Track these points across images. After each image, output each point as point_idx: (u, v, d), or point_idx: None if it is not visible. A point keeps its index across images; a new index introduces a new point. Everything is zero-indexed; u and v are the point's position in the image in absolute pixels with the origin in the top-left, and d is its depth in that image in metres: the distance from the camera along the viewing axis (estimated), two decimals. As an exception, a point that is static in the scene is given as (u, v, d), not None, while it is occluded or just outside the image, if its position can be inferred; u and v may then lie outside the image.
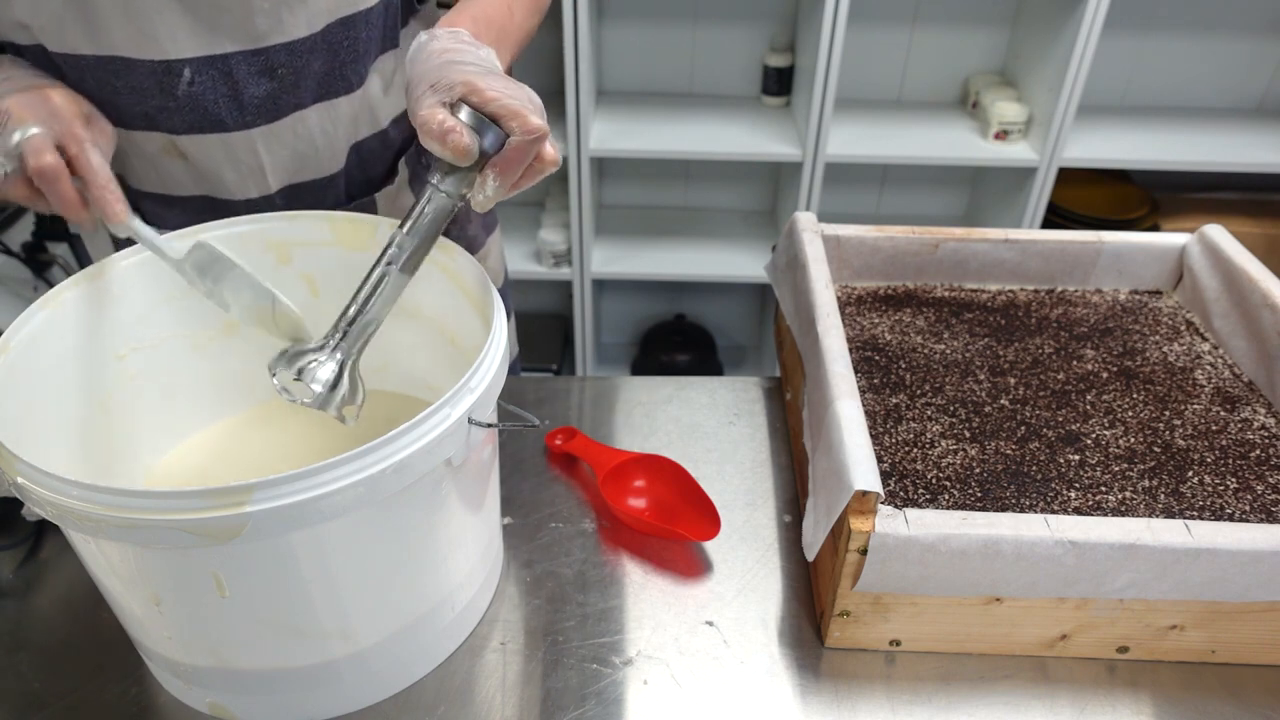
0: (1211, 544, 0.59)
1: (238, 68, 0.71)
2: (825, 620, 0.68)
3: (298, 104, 0.75)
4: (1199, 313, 0.90)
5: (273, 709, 0.63)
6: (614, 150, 1.85)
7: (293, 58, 0.72)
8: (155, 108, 0.71)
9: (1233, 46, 1.98)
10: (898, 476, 0.70)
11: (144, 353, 0.71)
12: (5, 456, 0.51)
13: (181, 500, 0.47)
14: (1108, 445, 0.74)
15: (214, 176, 0.76)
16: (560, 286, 2.31)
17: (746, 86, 2.07)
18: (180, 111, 0.71)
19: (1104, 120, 1.99)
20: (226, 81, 0.71)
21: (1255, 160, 1.86)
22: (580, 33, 1.70)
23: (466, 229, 0.96)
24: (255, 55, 0.71)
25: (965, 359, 0.84)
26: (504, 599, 0.72)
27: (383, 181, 0.85)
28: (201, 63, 0.70)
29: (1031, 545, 0.59)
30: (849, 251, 0.93)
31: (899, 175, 2.20)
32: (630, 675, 0.66)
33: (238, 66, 0.71)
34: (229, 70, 0.70)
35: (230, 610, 0.55)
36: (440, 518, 0.60)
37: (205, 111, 0.72)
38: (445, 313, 0.73)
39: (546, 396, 0.94)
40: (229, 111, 0.72)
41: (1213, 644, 0.66)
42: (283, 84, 0.73)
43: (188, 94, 0.70)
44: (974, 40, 2.00)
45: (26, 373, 0.61)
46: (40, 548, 0.76)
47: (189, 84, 0.70)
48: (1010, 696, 0.65)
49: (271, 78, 0.72)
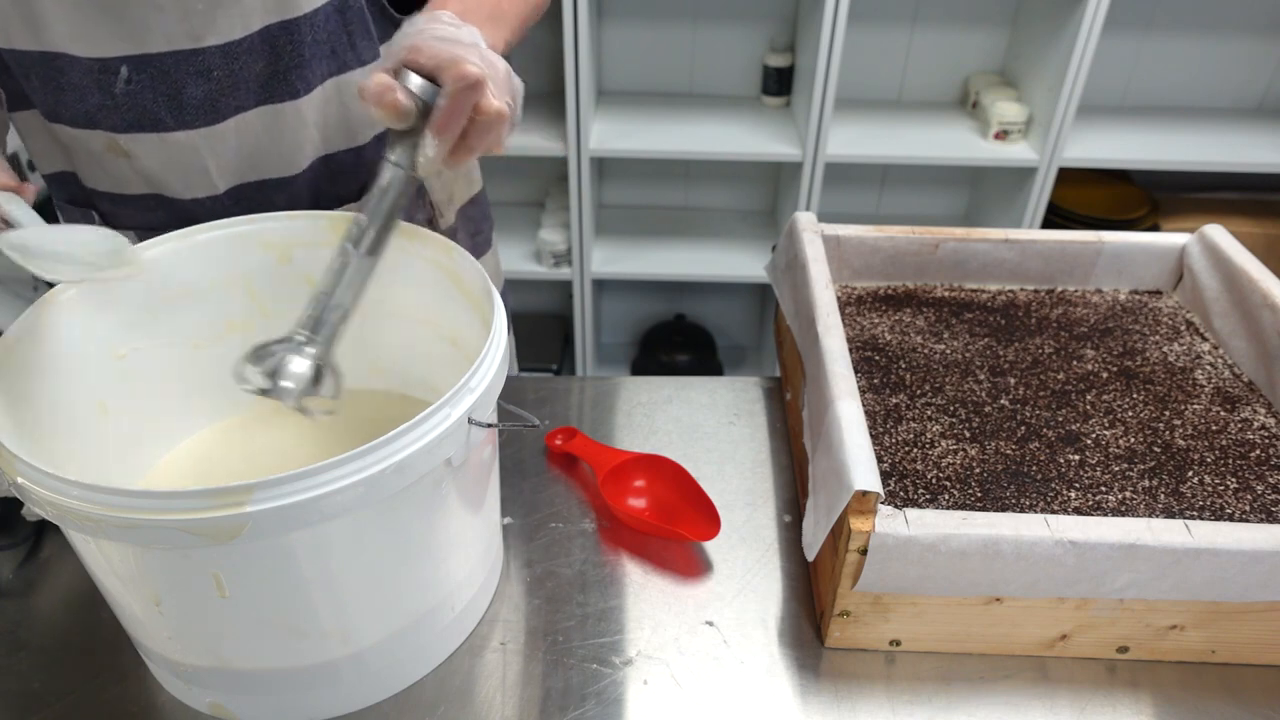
0: (1211, 544, 0.59)
1: (175, 68, 0.70)
2: (825, 620, 0.68)
3: (239, 106, 0.74)
4: (1199, 313, 0.90)
5: (273, 709, 0.63)
6: (614, 150, 1.85)
7: (228, 60, 0.71)
8: (95, 106, 0.71)
9: (1233, 46, 1.98)
10: (898, 476, 0.70)
11: (144, 353, 0.71)
12: (5, 456, 0.51)
13: (181, 500, 0.47)
14: (1108, 445, 0.74)
15: (158, 176, 0.76)
16: (560, 286, 2.31)
17: (746, 86, 2.07)
18: (119, 110, 0.71)
19: (1104, 120, 1.99)
20: (165, 81, 0.71)
21: (1255, 160, 1.86)
22: (580, 33, 1.70)
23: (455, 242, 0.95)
24: (192, 55, 0.70)
25: (965, 359, 0.84)
26: (504, 599, 0.72)
27: (356, 197, 0.84)
28: (139, 61, 0.69)
29: (1031, 545, 0.59)
30: (849, 251, 0.93)
31: (899, 175, 2.20)
32: (630, 675, 0.66)
33: (174, 67, 0.70)
34: (166, 70, 0.70)
35: (230, 610, 0.55)
36: (440, 518, 0.60)
37: (144, 111, 0.71)
38: (445, 313, 0.73)
39: (546, 396, 0.94)
40: (168, 111, 0.72)
41: (1213, 644, 0.66)
42: (220, 86, 0.72)
43: (126, 93, 0.70)
44: (974, 40, 2.00)
45: (26, 373, 0.61)
46: (40, 548, 0.76)
47: (126, 82, 0.70)
48: (1010, 696, 0.65)
49: (208, 79, 0.72)
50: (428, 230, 0.70)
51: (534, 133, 1.90)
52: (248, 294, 0.75)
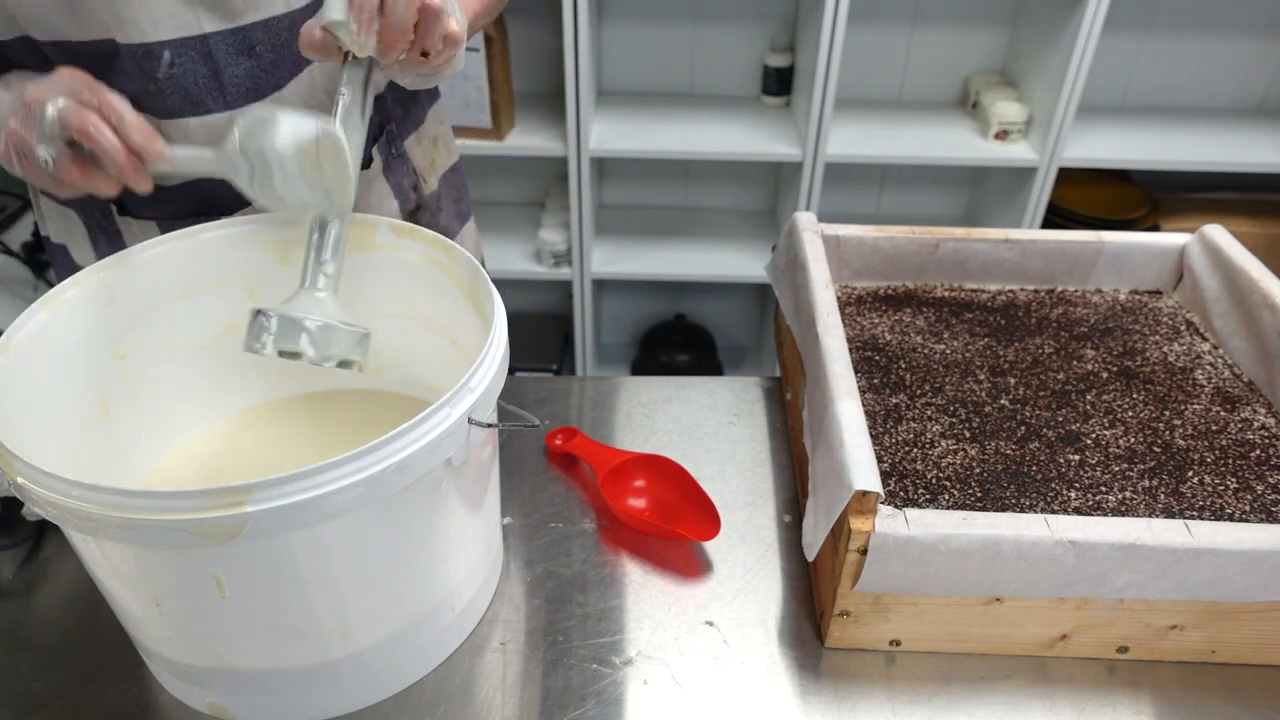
0: (1211, 544, 0.59)
1: (216, 47, 0.71)
2: (825, 620, 0.68)
3: (276, 84, 0.75)
4: (1199, 313, 0.90)
5: (273, 709, 0.63)
6: (614, 150, 1.85)
7: (270, 35, 0.72)
8: (139, 92, 0.71)
9: (1233, 46, 1.98)
10: (898, 476, 0.70)
11: (144, 353, 0.71)
12: (5, 456, 0.51)
13: (181, 500, 0.47)
14: (1108, 445, 0.74)
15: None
16: (560, 286, 2.31)
17: (746, 86, 2.07)
18: (162, 95, 0.71)
19: (1104, 120, 1.99)
20: (206, 62, 0.71)
21: (1255, 160, 1.86)
22: (580, 33, 1.70)
23: (439, 217, 0.96)
24: (233, 34, 0.71)
25: (965, 359, 0.84)
26: (504, 599, 0.72)
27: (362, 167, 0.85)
28: (180, 44, 0.70)
29: (1031, 545, 0.59)
30: (849, 251, 0.93)
31: (899, 175, 2.20)
32: (630, 675, 0.66)
33: (216, 46, 0.71)
34: (208, 50, 0.71)
35: (230, 610, 0.55)
36: (440, 518, 0.60)
37: (187, 94, 0.72)
38: (445, 313, 0.73)
39: (546, 396, 0.94)
40: (210, 93, 0.72)
41: (1213, 644, 0.66)
42: (261, 63, 0.73)
43: (169, 76, 0.70)
44: (974, 40, 2.00)
45: (26, 373, 0.61)
46: (40, 548, 0.76)
47: (169, 66, 0.70)
48: (1010, 696, 0.65)
49: (250, 56, 0.72)
50: (428, 230, 0.70)
51: (534, 133, 1.90)
52: (248, 294, 0.75)
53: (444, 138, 0.98)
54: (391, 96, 0.88)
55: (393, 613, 0.61)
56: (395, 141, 0.88)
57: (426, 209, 0.94)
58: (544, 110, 1.98)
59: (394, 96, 0.88)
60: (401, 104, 0.90)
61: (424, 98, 0.94)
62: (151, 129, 0.62)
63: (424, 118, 0.94)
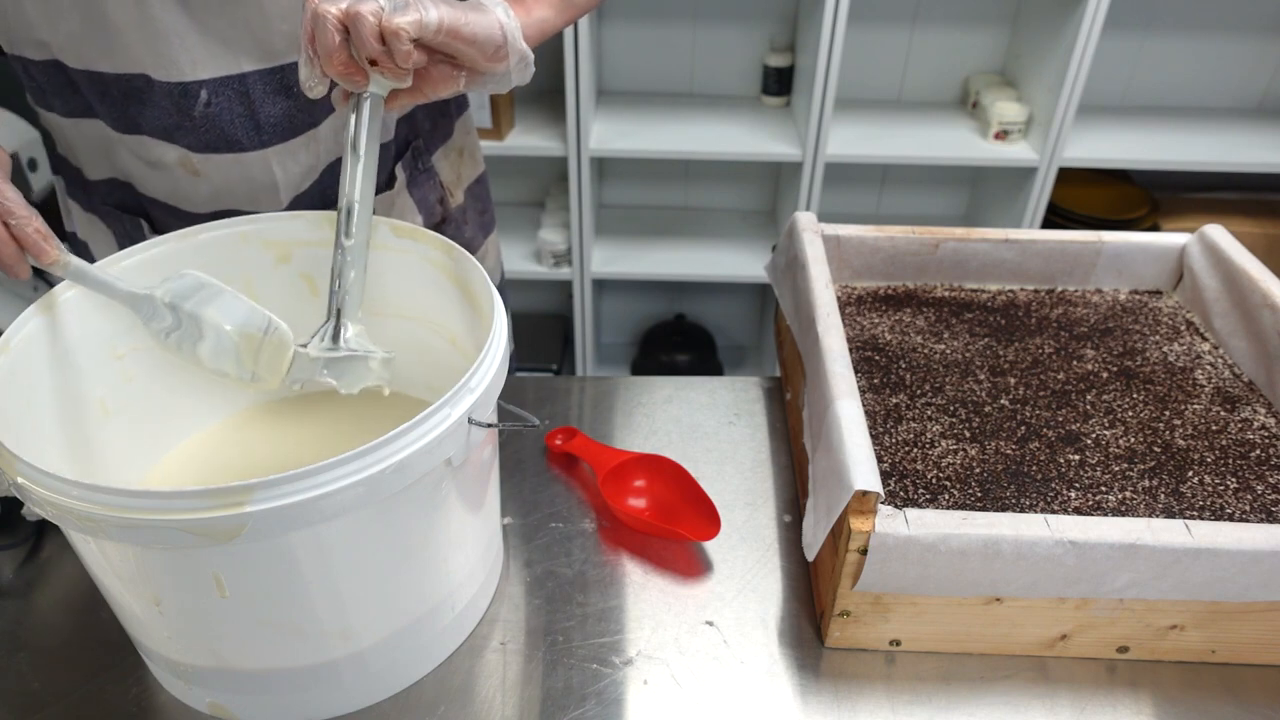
0: (1211, 544, 0.59)
1: (254, 87, 0.70)
2: (825, 620, 0.68)
3: (311, 123, 0.75)
4: (1199, 313, 0.90)
5: (273, 709, 0.63)
6: (614, 150, 1.85)
7: None
8: (171, 126, 0.71)
9: (1233, 46, 1.98)
10: (898, 476, 0.70)
11: (143, 353, 0.71)
12: (5, 456, 0.51)
13: (181, 500, 0.47)
14: (1108, 445, 0.74)
15: (226, 193, 0.76)
16: (560, 286, 2.32)
17: (746, 86, 2.07)
18: (195, 131, 0.71)
19: (1104, 120, 1.99)
20: (243, 101, 0.71)
21: (1255, 160, 1.86)
22: (580, 33, 1.70)
23: (463, 230, 0.96)
24: (271, 74, 0.70)
25: (965, 359, 0.84)
26: (504, 599, 0.72)
27: (382, 189, 0.85)
28: (218, 84, 0.69)
29: (1031, 545, 0.59)
30: (849, 251, 0.93)
31: (899, 175, 2.20)
32: (630, 675, 0.66)
33: (254, 86, 0.70)
34: (245, 90, 0.70)
35: (230, 610, 0.55)
36: (440, 518, 0.60)
37: (221, 132, 0.71)
38: (445, 313, 0.73)
39: (546, 396, 0.94)
40: (245, 132, 0.72)
41: (1213, 644, 0.66)
42: (298, 102, 0.73)
43: (204, 115, 0.70)
44: (974, 40, 2.00)
45: (26, 373, 0.61)
46: (40, 548, 0.76)
47: (205, 105, 0.70)
48: (1010, 696, 0.65)
49: (287, 96, 0.72)
50: (427, 230, 0.70)
51: (534, 132, 1.90)
52: (248, 294, 0.75)
53: (470, 149, 0.97)
54: (421, 111, 0.87)
55: (393, 613, 0.61)
56: (422, 156, 0.87)
57: (451, 221, 0.93)
58: (544, 110, 1.98)
59: (424, 111, 0.87)
60: (430, 118, 0.89)
61: (453, 109, 0.92)
62: (45, 228, 0.58)
63: (451, 130, 0.92)
